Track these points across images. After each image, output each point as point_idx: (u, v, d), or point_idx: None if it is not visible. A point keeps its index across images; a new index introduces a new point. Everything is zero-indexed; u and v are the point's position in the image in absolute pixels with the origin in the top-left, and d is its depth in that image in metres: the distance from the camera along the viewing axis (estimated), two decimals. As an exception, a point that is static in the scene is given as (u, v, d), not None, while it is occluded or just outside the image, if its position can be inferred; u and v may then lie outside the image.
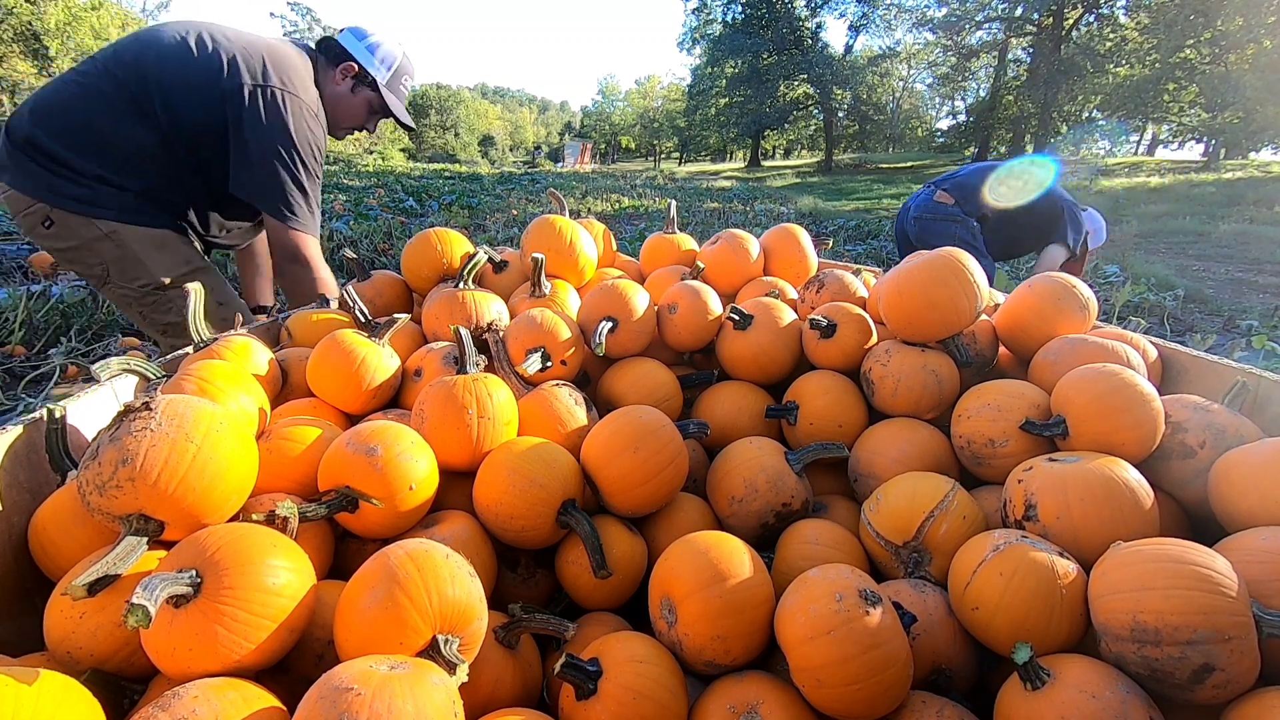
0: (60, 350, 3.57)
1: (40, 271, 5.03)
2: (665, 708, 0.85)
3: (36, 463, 1.09)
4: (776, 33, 37.43)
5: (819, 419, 1.39)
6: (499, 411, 1.16)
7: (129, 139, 1.94)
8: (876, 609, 0.83)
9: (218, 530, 0.83)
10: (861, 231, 10.00)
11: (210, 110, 1.98)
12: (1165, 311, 5.13)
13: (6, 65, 21.10)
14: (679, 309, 1.56)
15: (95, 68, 1.96)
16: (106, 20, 24.17)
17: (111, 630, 0.83)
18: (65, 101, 1.93)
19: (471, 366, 1.24)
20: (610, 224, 9.86)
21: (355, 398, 1.31)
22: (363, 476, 1.00)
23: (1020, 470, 1.06)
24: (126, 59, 1.96)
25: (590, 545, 1.06)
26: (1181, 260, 7.93)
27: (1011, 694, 0.82)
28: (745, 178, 28.90)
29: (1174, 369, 1.38)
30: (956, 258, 1.32)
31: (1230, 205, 12.59)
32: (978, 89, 38.78)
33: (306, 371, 1.33)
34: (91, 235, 1.95)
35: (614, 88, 79.86)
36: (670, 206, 2.07)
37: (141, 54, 1.96)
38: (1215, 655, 0.74)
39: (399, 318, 1.44)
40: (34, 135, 1.88)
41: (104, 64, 1.96)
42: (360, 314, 1.49)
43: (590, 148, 63.53)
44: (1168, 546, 0.82)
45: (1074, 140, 29.95)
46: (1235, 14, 21.08)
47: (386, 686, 0.66)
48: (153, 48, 1.98)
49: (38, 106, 1.93)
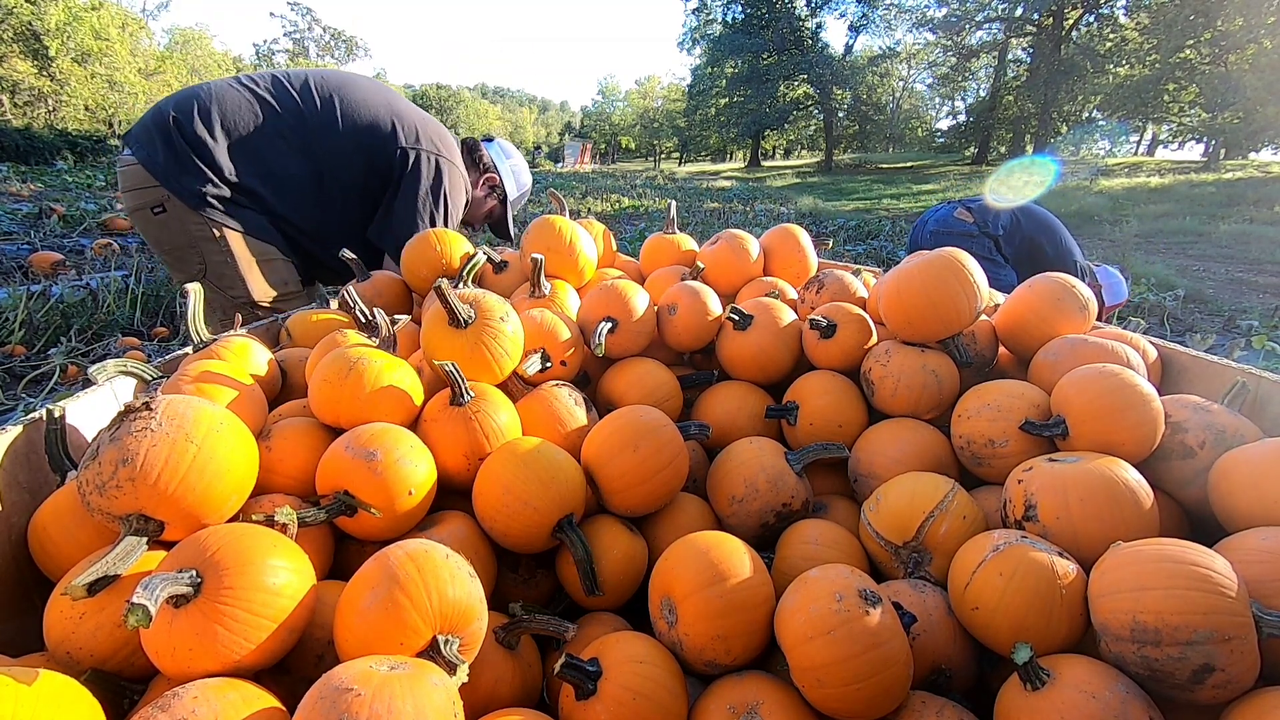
0: (60, 350, 3.58)
1: (40, 271, 5.03)
2: (665, 708, 0.85)
3: (36, 463, 1.09)
4: (776, 33, 37.44)
5: (819, 419, 1.39)
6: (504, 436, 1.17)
7: (285, 166, 2.02)
8: (876, 609, 0.83)
9: (218, 530, 0.83)
10: (861, 231, 10.01)
11: (374, 164, 2.10)
12: (1165, 311, 5.14)
13: (6, 65, 21.12)
14: (679, 309, 1.56)
15: (278, 90, 2.04)
16: (106, 20, 24.20)
17: (111, 630, 0.83)
18: (236, 108, 1.97)
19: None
20: (610, 224, 9.87)
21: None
22: (362, 482, 1.00)
23: (1020, 470, 1.06)
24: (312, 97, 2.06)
25: (583, 569, 1.05)
26: (1181, 260, 7.93)
27: (1011, 694, 0.82)
28: (745, 178, 28.90)
29: (1174, 369, 1.38)
30: (956, 258, 1.32)
31: (1230, 205, 12.60)
32: (978, 89, 38.80)
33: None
34: (202, 235, 1.96)
35: (614, 88, 79.89)
36: (670, 206, 2.06)
37: (329, 98, 2.07)
38: (1215, 655, 0.74)
39: (399, 318, 1.44)
40: (189, 125, 1.90)
41: (287, 89, 2.04)
42: (360, 314, 1.49)
43: (590, 148, 63.47)
44: (1167, 546, 0.82)
45: (1074, 140, 29.96)
46: (1235, 14, 21.08)
47: (386, 687, 0.66)
48: (344, 93, 2.10)
49: (207, 100, 1.95)
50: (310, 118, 2.03)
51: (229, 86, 2.00)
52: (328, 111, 2.05)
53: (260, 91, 2.01)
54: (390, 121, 2.13)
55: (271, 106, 2.00)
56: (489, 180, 2.48)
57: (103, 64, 24.26)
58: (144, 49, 28.86)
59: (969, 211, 3.58)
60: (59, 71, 22.57)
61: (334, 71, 2.21)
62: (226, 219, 1.96)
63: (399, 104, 2.22)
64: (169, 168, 1.89)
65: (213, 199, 1.93)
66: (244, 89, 2.00)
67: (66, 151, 17.10)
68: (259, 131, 1.98)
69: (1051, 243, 3.46)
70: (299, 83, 2.07)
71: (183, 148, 1.89)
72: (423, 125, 2.20)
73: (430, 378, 1.30)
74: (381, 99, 2.17)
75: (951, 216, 3.64)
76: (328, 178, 2.08)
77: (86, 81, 23.92)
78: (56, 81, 22.82)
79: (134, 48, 27.26)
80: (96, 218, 7.26)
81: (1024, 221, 3.49)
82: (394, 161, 2.11)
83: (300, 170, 2.04)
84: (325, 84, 2.10)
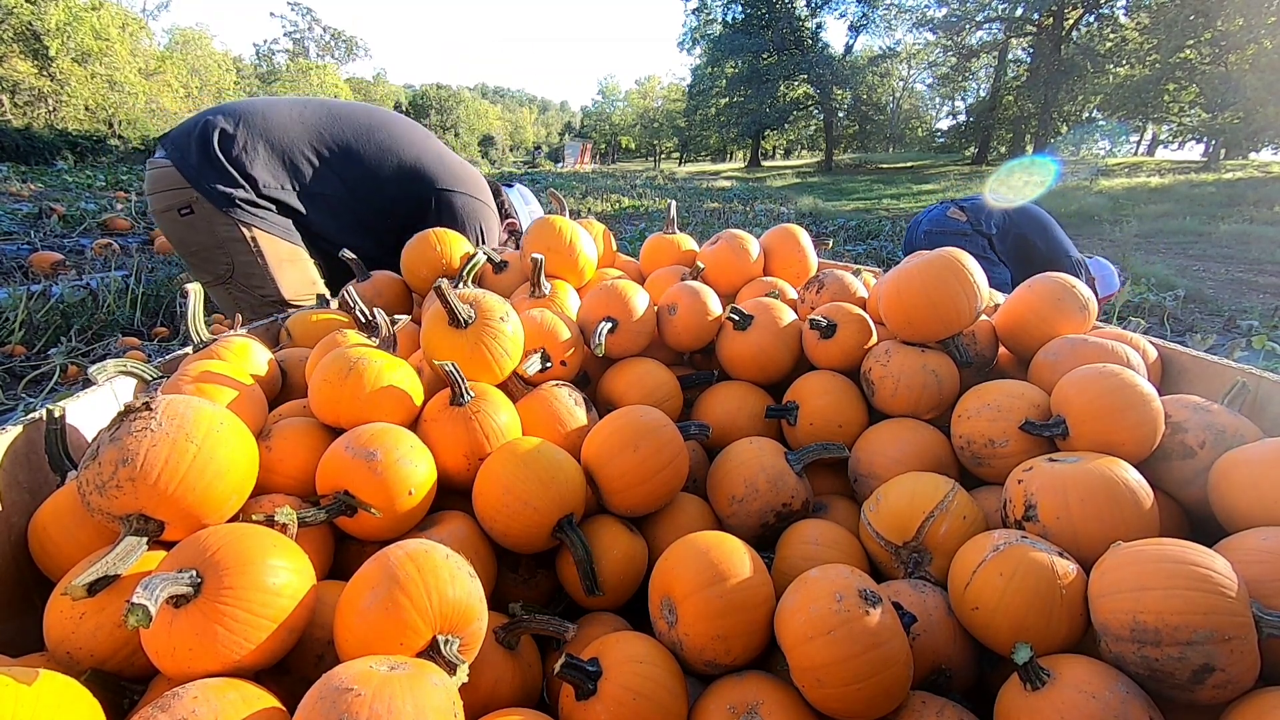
0: (60, 350, 3.58)
1: (40, 271, 5.03)
2: (665, 708, 0.85)
3: (36, 463, 1.09)
4: (776, 33, 37.43)
5: (819, 419, 1.39)
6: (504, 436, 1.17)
7: (323, 182, 2.07)
8: (876, 609, 0.83)
9: (218, 530, 0.83)
10: (861, 231, 10.00)
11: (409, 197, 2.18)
12: (1165, 311, 5.13)
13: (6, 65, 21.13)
14: (679, 309, 1.56)
15: (323, 116, 2.11)
16: (106, 20, 24.20)
17: (111, 630, 0.83)
18: (281, 126, 2.02)
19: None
20: (610, 224, 9.87)
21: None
22: (362, 482, 1.00)
23: (1020, 470, 1.06)
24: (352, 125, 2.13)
25: (583, 569, 1.05)
26: (1181, 260, 7.93)
27: (1011, 694, 0.82)
28: (745, 178, 28.90)
29: (1174, 369, 1.38)
30: (956, 258, 1.32)
31: (1230, 205, 12.59)
32: (978, 89, 38.79)
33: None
34: (230, 236, 1.99)
35: (614, 88, 79.86)
36: (670, 206, 2.06)
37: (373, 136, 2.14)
38: (1215, 655, 0.74)
39: (400, 318, 1.44)
40: (230, 134, 1.94)
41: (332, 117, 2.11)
42: (360, 314, 1.49)
43: (590, 148, 63.49)
44: (1167, 546, 0.82)
45: (1074, 140, 29.94)
46: (1235, 14, 21.07)
47: (386, 687, 0.66)
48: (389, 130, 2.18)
49: (251, 114, 2.00)
50: (354, 158, 2.10)
51: (274, 104, 2.07)
52: (372, 147, 2.13)
53: (308, 115, 2.08)
54: (432, 165, 2.22)
55: (319, 134, 2.07)
56: (509, 225, 2.58)
57: (103, 64, 24.25)
58: (144, 49, 28.84)
59: (962, 211, 3.59)
60: (59, 71, 22.57)
61: (381, 110, 2.30)
62: (255, 219, 1.99)
63: (437, 146, 2.32)
64: (201, 170, 1.92)
65: (246, 206, 1.97)
66: (291, 110, 2.08)
67: (66, 151, 17.11)
68: (301, 152, 2.04)
69: (1043, 238, 3.47)
70: (346, 116, 2.15)
71: (217, 154, 1.93)
72: (460, 167, 2.30)
73: (430, 378, 1.30)
74: (420, 138, 2.27)
75: (945, 216, 3.64)
76: (361, 204, 2.15)
77: (86, 81, 23.91)
78: (56, 81, 22.82)
79: (134, 48, 27.24)
80: (96, 218, 7.26)
81: (1016, 219, 3.50)
82: (431, 201, 2.20)
83: (336, 191, 2.11)
84: (372, 117, 2.19)
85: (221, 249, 2.00)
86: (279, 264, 2.06)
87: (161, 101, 28.08)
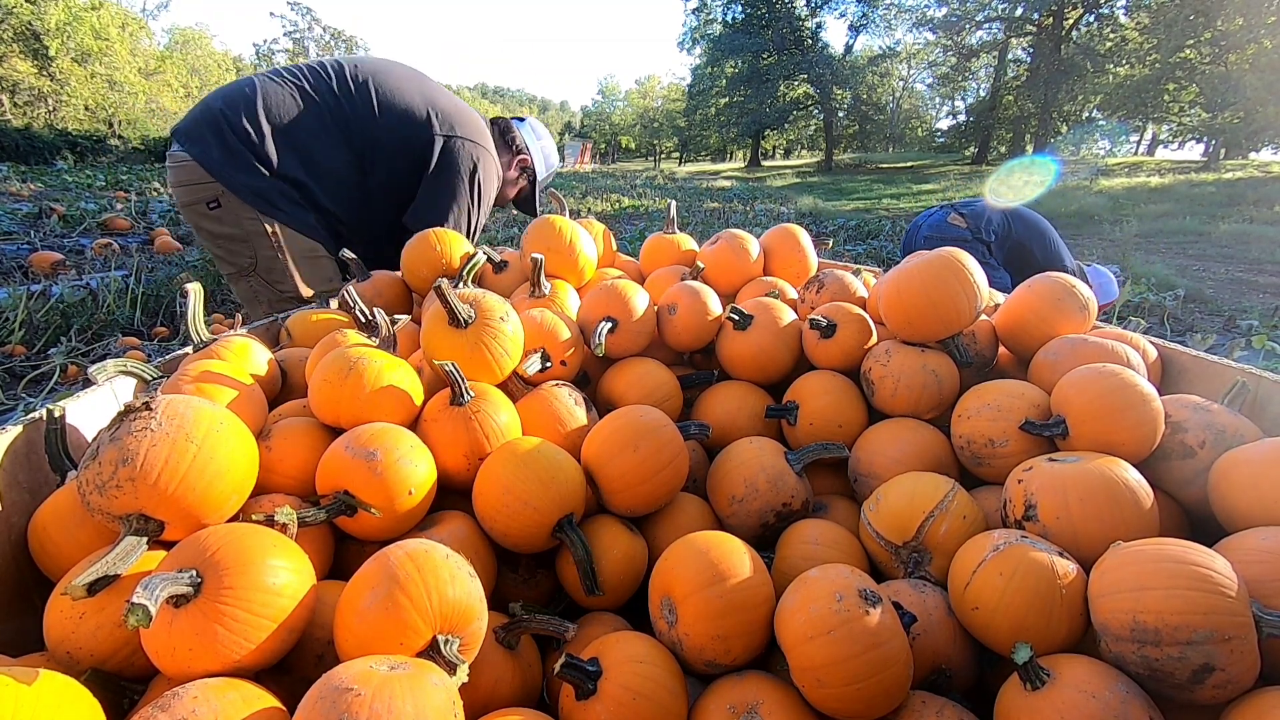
0: (60, 350, 3.58)
1: (40, 271, 5.03)
2: (665, 708, 0.85)
3: (36, 463, 1.09)
4: (776, 33, 37.43)
5: (819, 419, 1.39)
6: (504, 436, 1.17)
7: (328, 156, 2.05)
8: (876, 609, 0.83)
9: (218, 530, 0.83)
10: (861, 231, 10.00)
11: (411, 151, 2.13)
12: (1165, 311, 5.13)
13: (6, 65, 21.13)
14: (679, 309, 1.56)
15: (317, 80, 2.07)
16: (106, 20, 24.21)
17: (111, 630, 0.83)
18: (280, 101, 2.00)
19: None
20: (610, 224, 9.87)
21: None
22: (362, 482, 1.00)
23: (1020, 470, 1.06)
24: (349, 85, 2.08)
25: (583, 569, 1.05)
26: (1181, 260, 7.92)
27: (1011, 694, 0.82)
28: (745, 178, 28.90)
29: (1174, 369, 1.38)
30: (956, 258, 1.32)
31: (1230, 205, 12.59)
32: (978, 89, 38.80)
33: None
34: (255, 230, 1.99)
35: (614, 88, 79.88)
36: (670, 206, 2.06)
37: (364, 85, 2.10)
38: (1215, 655, 0.74)
39: (399, 318, 1.44)
40: (238, 120, 1.93)
41: (325, 79, 2.07)
42: (360, 314, 1.49)
43: (590, 147, 63.42)
44: (1168, 546, 0.82)
45: (1074, 140, 29.96)
46: (1235, 14, 21.08)
47: (386, 687, 0.66)
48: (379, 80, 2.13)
49: (252, 93, 1.98)
50: (348, 106, 2.07)
51: (271, 79, 2.04)
52: (364, 100, 2.09)
53: (300, 82, 2.05)
54: (426, 109, 2.16)
55: (311, 97, 2.04)
56: (521, 162, 2.51)
57: (103, 64, 24.26)
58: (144, 49, 28.86)
59: (962, 217, 3.59)
60: (59, 71, 22.59)
61: (368, 58, 2.23)
62: (280, 214, 2.00)
63: (433, 90, 2.24)
64: (225, 163, 1.93)
65: (268, 195, 1.97)
66: (285, 81, 2.04)
67: (66, 151, 17.11)
68: (302, 124, 2.02)
69: (1040, 247, 3.48)
70: (336, 71, 2.11)
71: (235, 143, 1.93)
72: (457, 112, 2.23)
73: (430, 378, 1.30)
74: (416, 85, 2.20)
75: (945, 222, 3.64)
76: (369, 169, 2.13)
77: (86, 81, 23.92)
78: (56, 81, 22.84)
79: (134, 48, 27.26)
80: (96, 217, 7.26)
81: (1014, 226, 3.51)
82: (430, 149, 2.15)
83: (343, 161, 2.09)
84: (360, 71, 2.13)
85: (246, 241, 2.02)
86: (299, 260, 2.07)
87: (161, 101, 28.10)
